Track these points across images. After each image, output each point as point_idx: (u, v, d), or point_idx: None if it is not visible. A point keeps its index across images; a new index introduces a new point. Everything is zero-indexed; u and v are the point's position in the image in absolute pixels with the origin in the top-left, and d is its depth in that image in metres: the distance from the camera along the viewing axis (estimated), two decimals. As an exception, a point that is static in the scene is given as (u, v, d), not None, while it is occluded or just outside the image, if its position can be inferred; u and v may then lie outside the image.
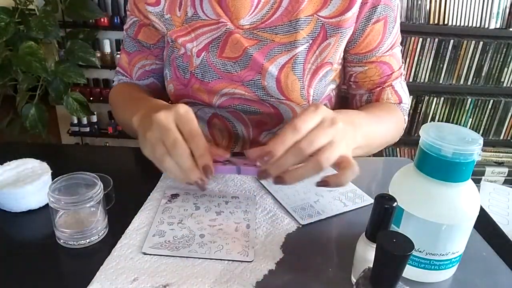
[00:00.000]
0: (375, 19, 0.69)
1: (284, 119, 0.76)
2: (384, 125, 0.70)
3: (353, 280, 0.46)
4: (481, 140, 0.42)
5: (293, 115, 0.75)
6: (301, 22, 0.68)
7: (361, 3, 0.67)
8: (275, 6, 0.68)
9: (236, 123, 0.78)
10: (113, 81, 0.87)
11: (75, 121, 2.34)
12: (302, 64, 0.70)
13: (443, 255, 0.45)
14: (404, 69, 0.78)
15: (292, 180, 0.47)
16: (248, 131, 0.79)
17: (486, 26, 1.84)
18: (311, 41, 0.69)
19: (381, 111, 0.72)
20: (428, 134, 0.43)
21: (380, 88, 0.75)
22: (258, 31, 0.69)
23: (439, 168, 0.42)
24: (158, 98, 0.79)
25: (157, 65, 0.82)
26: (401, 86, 0.76)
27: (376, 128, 0.66)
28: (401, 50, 0.76)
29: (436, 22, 1.83)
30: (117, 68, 0.86)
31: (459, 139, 0.42)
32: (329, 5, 0.67)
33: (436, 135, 0.42)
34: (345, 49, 0.73)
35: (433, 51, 1.87)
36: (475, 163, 0.43)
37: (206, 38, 0.71)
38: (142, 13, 0.75)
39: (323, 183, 0.48)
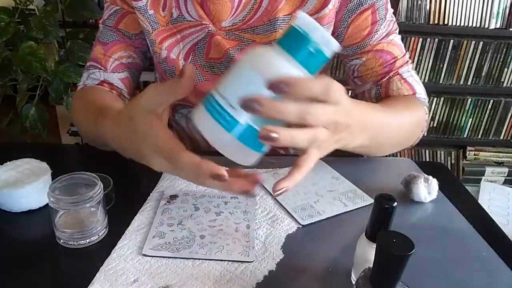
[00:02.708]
0: (361, 9, 0.68)
1: None
2: (402, 120, 0.65)
3: (353, 280, 0.46)
4: (333, 41, 0.39)
5: None
6: (280, 21, 0.68)
7: None
8: (256, 7, 0.68)
9: None
10: (78, 85, 0.79)
11: (75, 121, 2.34)
12: None
13: (231, 106, 0.39)
14: (410, 58, 0.74)
15: (284, 139, 0.38)
16: None
17: (486, 26, 1.84)
18: None
19: (399, 104, 0.68)
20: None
21: (386, 78, 0.71)
22: (240, 32, 0.70)
23: (285, 34, 0.41)
24: (130, 96, 0.80)
25: (133, 59, 0.78)
26: (410, 75, 0.72)
27: (391, 124, 0.61)
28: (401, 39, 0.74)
29: (436, 22, 1.83)
30: (89, 63, 0.78)
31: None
32: (306, 3, 0.68)
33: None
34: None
35: (433, 51, 1.87)
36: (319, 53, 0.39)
37: (191, 40, 0.72)
38: (126, 3, 0.73)
39: (281, 190, 0.43)
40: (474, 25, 1.84)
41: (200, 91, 0.74)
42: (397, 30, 0.73)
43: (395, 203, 0.40)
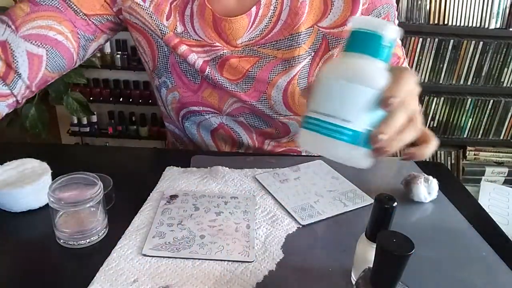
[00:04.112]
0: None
1: (292, 132, 0.75)
2: None
3: (353, 280, 0.46)
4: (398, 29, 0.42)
5: (299, 127, 0.75)
6: (302, 35, 0.65)
7: (362, 10, 0.66)
8: (274, 20, 0.65)
9: (242, 133, 0.77)
10: None
11: (75, 121, 2.35)
12: (306, 78, 0.69)
13: (345, 120, 0.40)
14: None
15: (396, 147, 0.41)
16: (253, 140, 0.78)
17: (486, 26, 1.84)
18: (313, 53, 0.67)
19: None
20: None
21: None
22: (259, 47, 0.66)
23: (357, 40, 0.42)
24: (32, 83, 0.61)
25: (65, 39, 0.61)
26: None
27: None
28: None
29: (436, 22, 1.83)
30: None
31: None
32: (328, 15, 0.65)
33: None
34: None
35: (433, 51, 1.87)
36: (389, 47, 0.42)
37: (202, 57, 0.67)
38: None
39: (409, 155, 0.47)
40: (474, 25, 1.84)
41: (223, 96, 0.71)
42: None
43: (395, 203, 0.40)
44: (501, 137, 2.06)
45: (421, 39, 1.84)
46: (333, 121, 0.41)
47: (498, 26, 1.84)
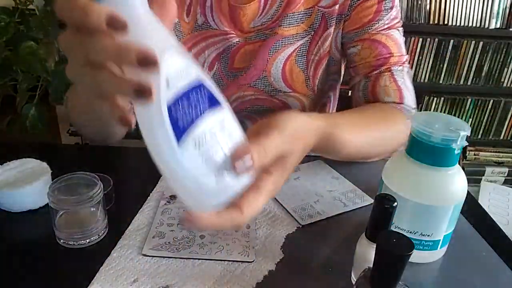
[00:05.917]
0: None
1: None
2: (372, 135, 0.61)
3: (353, 280, 0.46)
4: (468, 128, 0.44)
5: (300, 106, 0.75)
6: (302, 14, 0.69)
7: None
8: (283, 5, 0.68)
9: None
10: None
11: (75, 121, 2.34)
12: (305, 56, 0.71)
13: (425, 235, 0.47)
14: (409, 62, 0.72)
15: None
16: None
17: (486, 26, 1.84)
18: (313, 32, 0.70)
19: (375, 116, 0.65)
20: (419, 122, 0.45)
21: (377, 72, 0.69)
22: (269, 30, 0.70)
23: (427, 153, 0.44)
24: None
25: None
26: (402, 77, 0.70)
27: (360, 141, 0.58)
28: (404, 41, 0.72)
29: (436, 22, 1.83)
30: None
31: (447, 127, 0.44)
32: None
33: (426, 122, 0.44)
34: None
35: (433, 51, 1.87)
36: (461, 149, 0.44)
37: (216, 49, 0.71)
38: None
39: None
40: (474, 25, 1.84)
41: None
42: (401, 29, 0.71)
43: (395, 203, 0.40)
44: (501, 137, 2.05)
45: (421, 39, 1.84)
46: (417, 237, 0.47)
47: (498, 26, 1.84)
